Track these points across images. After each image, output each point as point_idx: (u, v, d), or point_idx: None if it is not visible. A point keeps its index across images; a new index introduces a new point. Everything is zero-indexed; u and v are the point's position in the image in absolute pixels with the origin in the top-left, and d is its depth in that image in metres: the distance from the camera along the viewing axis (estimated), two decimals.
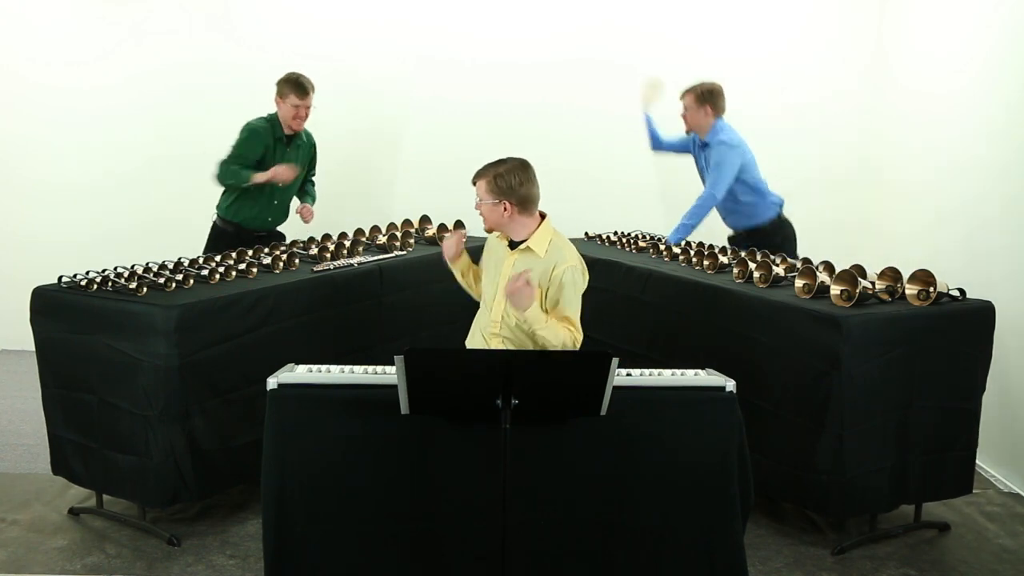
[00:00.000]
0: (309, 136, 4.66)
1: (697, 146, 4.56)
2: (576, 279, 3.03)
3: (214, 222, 4.58)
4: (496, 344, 3.08)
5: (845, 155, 5.65)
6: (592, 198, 5.79)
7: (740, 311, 3.47)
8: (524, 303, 2.88)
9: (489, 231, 3.15)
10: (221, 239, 4.42)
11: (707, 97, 4.38)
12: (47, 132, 5.88)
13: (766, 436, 3.24)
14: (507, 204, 3.02)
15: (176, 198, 5.81)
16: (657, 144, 4.80)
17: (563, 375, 2.31)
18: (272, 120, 4.45)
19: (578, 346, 3.01)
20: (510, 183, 3.00)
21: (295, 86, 4.34)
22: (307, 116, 4.45)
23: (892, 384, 3.11)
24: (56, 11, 5.87)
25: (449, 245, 3.26)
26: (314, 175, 4.83)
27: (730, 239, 4.63)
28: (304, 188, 4.77)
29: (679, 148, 4.76)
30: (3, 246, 5.95)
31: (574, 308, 3.03)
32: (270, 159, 4.45)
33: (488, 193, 3.03)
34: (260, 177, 4.33)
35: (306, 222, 4.65)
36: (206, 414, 3.18)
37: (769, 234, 4.44)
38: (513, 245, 3.11)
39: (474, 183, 3.09)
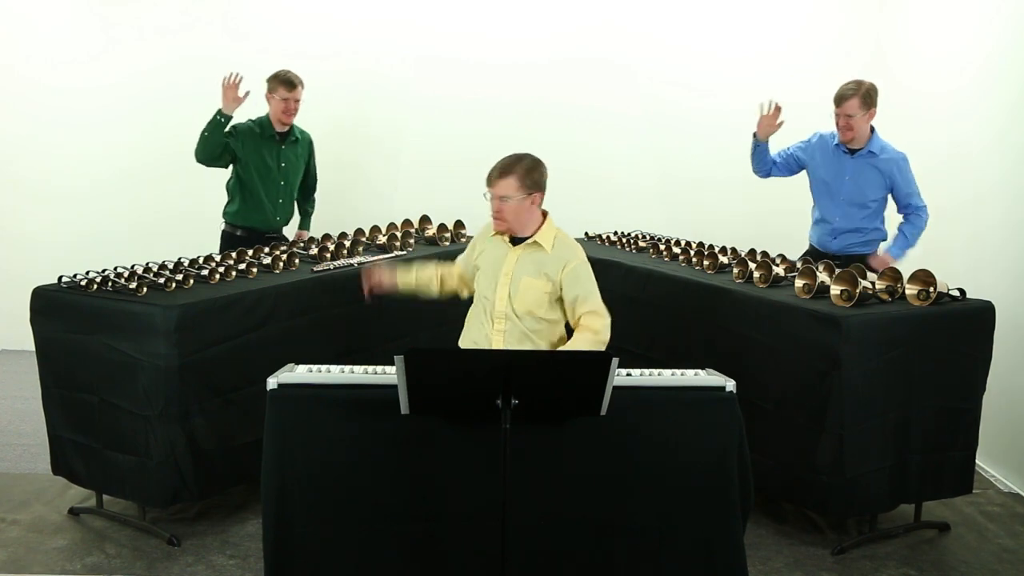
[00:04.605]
0: (304, 134, 4.67)
1: (838, 154, 4.03)
2: (590, 271, 3.09)
3: (223, 230, 4.58)
4: (498, 337, 3.05)
5: None
6: (592, 198, 5.79)
7: (740, 311, 3.46)
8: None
9: (504, 232, 3.08)
10: (233, 245, 4.32)
11: (873, 98, 3.76)
12: (47, 132, 5.87)
13: (766, 436, 3.23)
14: (537, 197, 3.04)
15: (176, 197, 5.82)
16: (767, 170, 4.22)
17: (563, 375, 2.31)
18: (260, 121, 4.47)
19: (608, 328, 3.01)
20: (540, 175, 3.04)
21: (282, 80, 4.42)
22: (296, 110, 4.47)
23: (892, 384, 3.11)
24: (56, 11, 5.87)
25: (384, 282, 3.24)
26: (315, 180, 4.82)
27: (812, 255, 4.07)
28: (304, 191, 4.77)
29: (787, 170, 4.24)
30: (3, 246, 5.95)
31: (596, 295, 3.06)
32: (268, 158, 4.47)
33: (519, 189, 2.99)
34: (229, 101, 4.26)
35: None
36: (206, 414, 3.18)
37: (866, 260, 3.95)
38: (516, 241, 3.10)
39: (493, 183, 3.00)
